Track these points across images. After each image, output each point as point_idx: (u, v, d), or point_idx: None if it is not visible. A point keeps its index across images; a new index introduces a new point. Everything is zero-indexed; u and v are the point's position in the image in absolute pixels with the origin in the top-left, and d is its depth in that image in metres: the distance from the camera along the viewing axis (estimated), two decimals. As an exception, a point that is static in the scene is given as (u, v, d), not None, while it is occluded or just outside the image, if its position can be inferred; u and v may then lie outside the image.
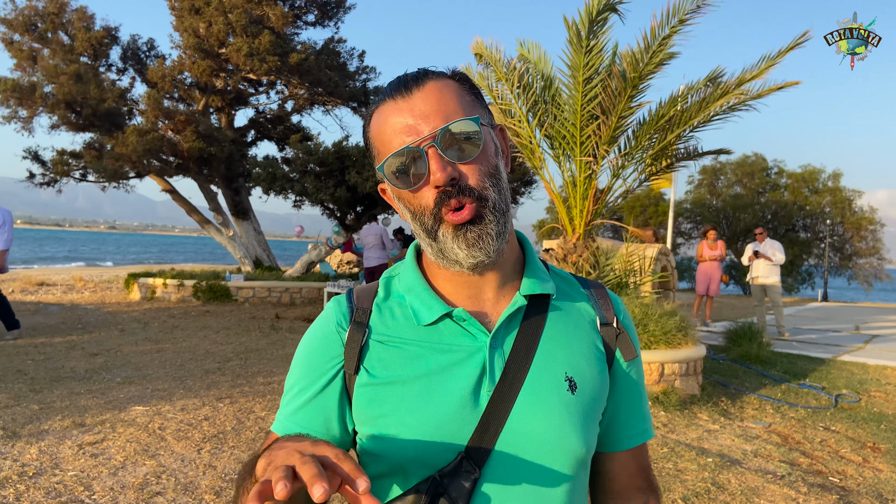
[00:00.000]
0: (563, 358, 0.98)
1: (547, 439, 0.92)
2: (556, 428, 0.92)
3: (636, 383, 1.09)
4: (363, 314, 1.01)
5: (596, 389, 0.99)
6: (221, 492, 3.75)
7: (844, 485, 4.34)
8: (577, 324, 1.03)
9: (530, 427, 0.92)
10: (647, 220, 29.62)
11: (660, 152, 6.47)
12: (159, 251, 77.21)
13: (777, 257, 11.11)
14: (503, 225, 0.94)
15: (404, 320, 0.99)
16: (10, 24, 14.82)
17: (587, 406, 0.97)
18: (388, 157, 0.92)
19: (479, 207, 0.90)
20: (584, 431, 0.95)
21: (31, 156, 15.42)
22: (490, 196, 0.92)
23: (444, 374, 0.93)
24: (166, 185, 15.85)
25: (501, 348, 0.96)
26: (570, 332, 1.02)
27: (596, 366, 1.01)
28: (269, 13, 14.45)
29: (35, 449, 4.30)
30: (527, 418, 0.92)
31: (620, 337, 1.05)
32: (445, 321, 0.97)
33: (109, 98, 13.83)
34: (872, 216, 28.18)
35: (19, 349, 7.81)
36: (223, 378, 6.65)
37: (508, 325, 0.98)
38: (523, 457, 0.91)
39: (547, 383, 0.95)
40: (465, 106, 0.93)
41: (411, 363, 0.95)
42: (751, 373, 7.85)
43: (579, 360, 0.99)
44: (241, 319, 11.14)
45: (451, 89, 0.94)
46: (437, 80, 0.94)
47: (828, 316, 16.41)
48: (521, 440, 0.91)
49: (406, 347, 0.96)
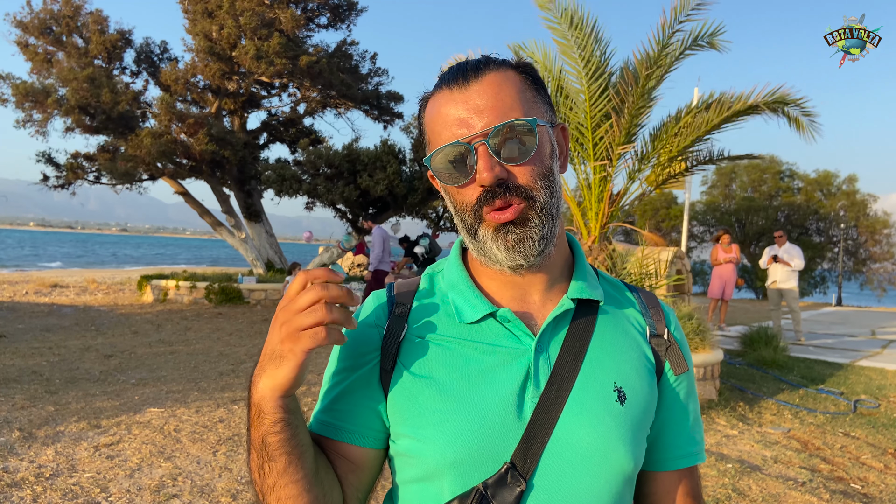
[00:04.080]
0: (612, 367, 0.94)
1: (594, 451, 0.88)
2: (604, 440, 0.88)
3: (685, 400, 1.03)
4: (403, 309, 0.97)
5: (645, 402, 0.95)
6: (238, 494, 3.73)
7: (867, 491, 4.27)
8: (626, 332, 0.99)
9: (577, 438, 0.88)
10: (659, 223, 29.47)
11: (677, 154, 6.41)
12: (171, 253, 77.62)
13: (795, 262, 10.98)
14: (550, 229, 0.90)
15: (446, 317, 0.95)
16: (26, 27, 14.94)
17: (636, 419, 0.92)
18: (436, 150, 0.89)
19: (525, 208, 0.87)
20: (632, 445, 0.90)
21: (45, 159, 15.54)
22: (539, 198, 0.88)
23: (487, 376, 0.89)
24: (179, 188, 15.92)
25: (547, 353, 0.92)
26: (618, 340, 0.97)
27: (645, 377, 0.96)
28: (280, 16, 14.49)
29: (51, 450, 4.30)
30: (574, 429, 0.88)
31: (671, 349, 1.00)
32: (489, 321, 0.94)
33: (123, 101, 13.90)
34: (887, 220, 27.91)
35: (34, 350, 7.84)
36: (237, 380, 6.64)
37: (555, 328, 0.94)
38: (570, 469, 0.87)
39: (595, 393, 0.90)
40: (523, 102, 0.89)
41: (452, 362, 0.91)
42: (768, 377, 7.76)
43: (628, 370, 0.95)
44: (253, 321, 11.15)
45: (510, 83, 0.89)
46: (498, 72, 0.89)
47: (843, 320, 16.24)
48: (568, 451, 0.87)
49: (447, 345, 0.92)
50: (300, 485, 0.85)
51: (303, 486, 0.85)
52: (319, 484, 0.87)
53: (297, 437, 0.84)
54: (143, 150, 13.23)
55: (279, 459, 0.83)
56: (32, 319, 10.54)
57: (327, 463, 0.92)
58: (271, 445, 0.82)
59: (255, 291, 13.74)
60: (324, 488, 0.88)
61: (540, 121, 0.90)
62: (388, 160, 14.53)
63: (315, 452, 0.89)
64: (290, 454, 0.83)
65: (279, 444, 0.82)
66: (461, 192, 0.90)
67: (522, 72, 0.93)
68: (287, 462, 0.83)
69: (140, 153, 13.34)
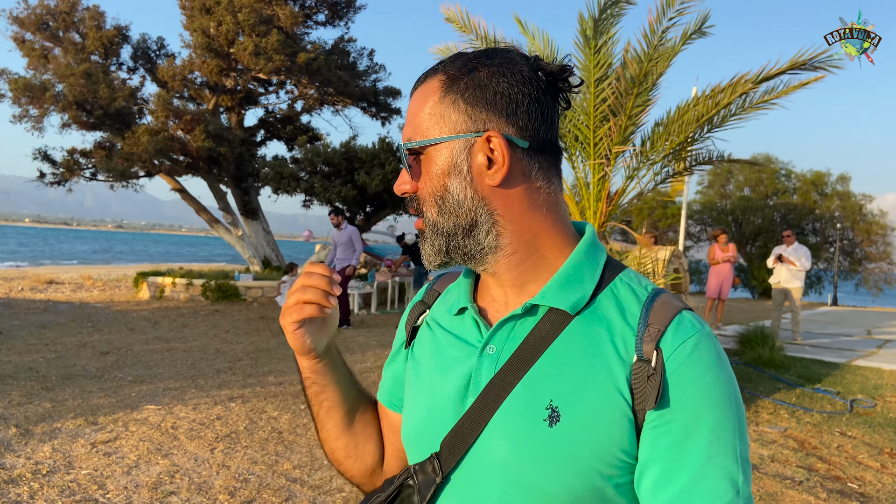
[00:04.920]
0: (556, 384, 0.84)
1: (509, 466, 0.84)
2: (519, 457, 0.83)
3: (671, 449, 0.79)
4: (432, 296, 1.08)
5: (591, 429, 0.81)
6: (235, 492, 3.73)
7: (863, 491, 4.28)
8: (598, 349, 0.84)
9: (496, 448, 0.85)
10: (655, 222, 29.51)
11: (676, 153, 6.40)
12: (166, 250, 77.47)
13: (802, 263, 10.98)
14: (445, 244, 0.91)
15: (447, 307, 1.02)
16: (23, 22, 14.89)
17: (571, 444, 0.81)
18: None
19: (422, 222, 0.94)
20: (559, 470, 0.81)
21: (42, 156, 15.48)
22: (429, 214, 0.92)
23: (448, 368, 0.95)
24: (176, 185, 15.89)
25: (498, 356, 0.89)
26: (580, 358, 0.84)
27: (603, 403, 0.81)
28: (278, 13, 14.46)
29: (48, 447, 4.29)
30: (495, 439, 0.85)
31: (652, 378, 0.80)
32: (465, 314, 0.98)
33: (120, 97, 13.87)
34: (883, 221, 28.00)
35: (30, 347, 7.82)
36: (234, 377, 6.63)
37: (511, 332, 0.90)
38: (486, 476, 0.86)
39: (524, 408, 0.84)
40: (427, 118, 0.89)
41: (433, 349, 1.00)
42: (764, 377, 7.78)
43: (577, 390, 0.83)
44: (250, 319, 11.14)
45: (426, 96, 0.90)
46: (426, 83, 0.92)
47: (839, 320, 16.29)
48: (487, 459, 0.86)
49: (437, 333, 1.01)
50: (331, 431, 1.08)
51: (333, 433, 1.08)
52: (352, 435, 1.09)
53: (324, 392, 1.05)
54: (139, 146, 13.20)
55: (312, 407, 1.08)
56: (28, 316, 10.51)
57: (371, 420, 1.13)
58: (308, 396, 1.07)
59: (252, 289, 13.72)
60: (356, 439, 1.09)
61: (433, 140, 0.89)
62: (385, 158, 14.52)
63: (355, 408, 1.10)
64: (320, 406, 1.07)
65: (311, 397, 1.07)
66: None
67: (449, 76, 0.89)
68: (316, 410, 1.07)
69: (137, 150, 13.31)
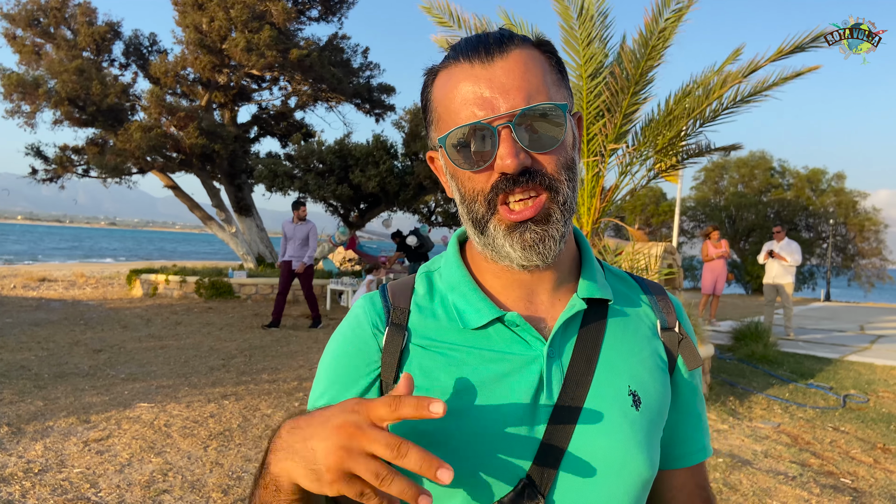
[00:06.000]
0: (625, 370, 0.88)
1: (612, 461, 0.83)
2: (622, 449, 0.84)
3: (697, 395, 1.00)
4: (401, 315, 0.89)
5: (659, 403, 0.90)
6: (228, 490, 3.71)
7: (856, 486, 4.30)
8: (637, 330, 0.93)
9: (595, 448, 0.83)
10: (648, 218, 29.56)
11: (668, 147, 6.41)
12: (160, 247, 77.22)
13: (793, 258, 11.04)
14: (567, 227, 0.84)
15: (448, 322, 0.88)
16: (13, 18, 14.80)
17: (652, 422, 0.88)
18: (454, 129, 0.81)
19: (547, 201, 0.80)
20: (649, 451, 0.86)
21: (34, 152, 15.40)
22: (563, 190, 0.81)
23: (497, 387, 0.83)
24: (169, 181, 15.82)
25: (560, 359, 0.86)
26: (630, 339, 0.92)
27: (658, 377, 0.91)
28: (271, 8, 14.40)
29: (40, 445, 4.26)
30: (591, 439, 0.83)
31: (683, 343, 0.95)
32: (496, 325, 0.87)
33: (112, 93, 13.79)
34: (876, 217, 28.12)
35: (22, 345, 7.77)
36: (228, 375, 6.61)
37: (565, 331, 0.88)
38: (588, 480, 0.82)
39: (610, 399, 0.85)
40: (550, 86, 0.82)
41: (458, 372, 0.84)
42: (758, 372, 7.80)
43: (642, 371, 0.90)
44: (244, 316, 11.10)
45: (537, 63, 0.82)
46: (524, 50, 0.82)
47: (832, 316, 16.36)
48: (586, 463, 0.82)
49: (451, 354, 0.85)
50: None
51: None
52: None
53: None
54: (132, 143, 13.14)
55: None
56: (20, 314, 10.45)
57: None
58: None
59: (246, 286, 13.67)
60: None
61: (567, 106, 0.83)
62: (380, 156, 14.49)
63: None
64: None
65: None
66: (473, 179, 0.82)
67: (546, 51, 0.85)
68: None
69: (129, 146, 13.25)
